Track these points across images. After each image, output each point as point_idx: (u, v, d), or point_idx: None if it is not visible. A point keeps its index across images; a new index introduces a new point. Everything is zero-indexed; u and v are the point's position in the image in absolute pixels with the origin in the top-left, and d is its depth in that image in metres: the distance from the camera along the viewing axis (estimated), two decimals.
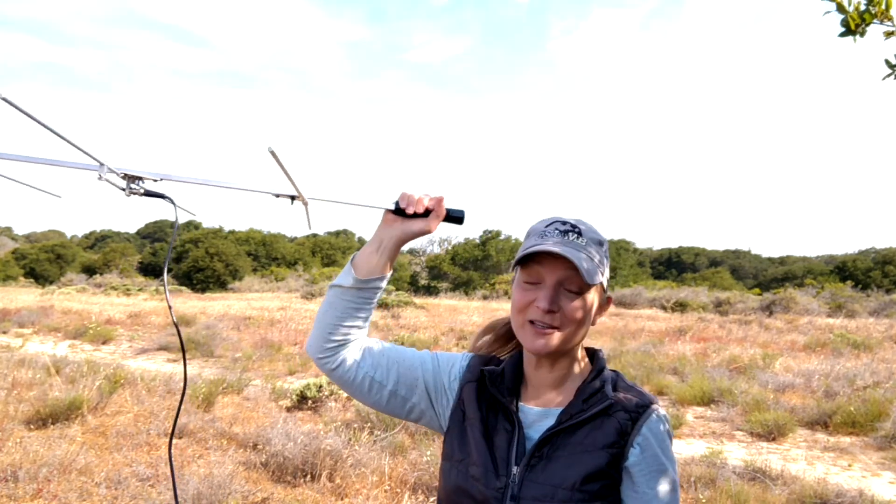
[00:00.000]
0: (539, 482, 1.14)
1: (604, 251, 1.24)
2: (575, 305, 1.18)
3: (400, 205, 1.25)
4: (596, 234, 1.23)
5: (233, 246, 41.05)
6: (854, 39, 1.61)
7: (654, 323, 17.51)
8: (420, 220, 1.26)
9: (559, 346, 1.19)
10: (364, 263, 1.27)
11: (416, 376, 1.32)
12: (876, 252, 49.52)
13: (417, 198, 1.24)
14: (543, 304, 1.17)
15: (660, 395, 8.84)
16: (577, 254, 1.17)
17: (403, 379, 1.31)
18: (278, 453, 5.14)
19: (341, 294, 1.27)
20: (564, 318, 1.18)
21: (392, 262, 1.30)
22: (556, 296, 1.18)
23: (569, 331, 1.18)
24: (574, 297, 1.18)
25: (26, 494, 4.48)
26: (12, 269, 42.41)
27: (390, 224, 1.27)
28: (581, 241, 1.19)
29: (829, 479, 5.45)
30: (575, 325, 1.18)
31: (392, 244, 1.27)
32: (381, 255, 1.27)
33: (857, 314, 21.72)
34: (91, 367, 8.23)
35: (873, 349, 12.43)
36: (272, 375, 9.55)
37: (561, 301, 1.18)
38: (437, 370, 1.34)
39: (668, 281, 39.08)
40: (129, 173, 1.16)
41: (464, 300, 27.61)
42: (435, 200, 1.25)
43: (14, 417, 6.26)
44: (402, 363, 1.32)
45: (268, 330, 14.44)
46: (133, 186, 1.17)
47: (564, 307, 1.18)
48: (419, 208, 1.24)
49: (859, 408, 7.20)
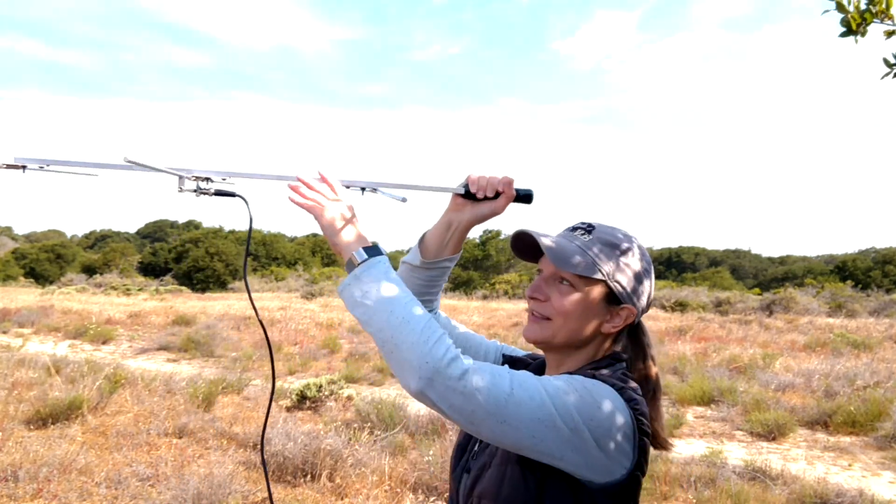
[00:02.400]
0: (483, 453, 1.19)
1: (620, 256, 1.19)
2: (563, 298, 1.17)
3: (470, 189, 1.27)
4: (612, 237, 1.20)
5: (233, 246, 41.04)
6: (855, 40, 1.61)
7: (654, 322, 17.50)
8: (489, 202, 1.28)
9: (549, 338, 1.19)
10: (433, 245, 1.32)
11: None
12: (876, 252, 49.52)
13: (487, 181, 1.27)
14: (529, 290, 1.21)
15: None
16: (563, 244, 1.17)
17: None
18: (278, 453, 5.14)
19: (410, 271, 1.34)
20: (553, 308, 1.18)
21: (461, 243, 1.34)
22: (547, 285, 1.20)
23: (558, 322, 1.18)
24: (565, 290, 1.18)
25: (26, 494, 4.48)
26: (12, 268, 42.41)
27: (460, 208, 1.30)
28: (584, 238, 1.19)
29: (829, 479, 5.45)
30: (563, 318, 1.17)
31: (462, 227, 1.31)
32: (450, 238, 1.31)
33: (857, 314, 21.70)
34: (91, 367, 8.22)
35: (873, 349, 12.43)
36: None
37: (551, 291, 1.19)
38: (498, 360, 1.39)
39: (668, 280, 39.04)
40: (198, 175, 1.18)
41: (464, 300, 27.60)
42: (504, 182, 1.27)
43: (14, 417, 6.26)
44: (468, 348, 1.37)
45: (268, 330, 14.40)
46: (203, 187, 1.19)
47: (553, 297, 1.18)
48: (490, 192, 1.27)
49: (859, 407, 7.20)
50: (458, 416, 1.00)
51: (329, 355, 11.67)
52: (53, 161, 1.16)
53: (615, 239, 1.20)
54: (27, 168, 1.16)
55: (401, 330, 1.01)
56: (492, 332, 14.74)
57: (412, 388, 1.00)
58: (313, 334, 13.89)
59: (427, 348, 0.99)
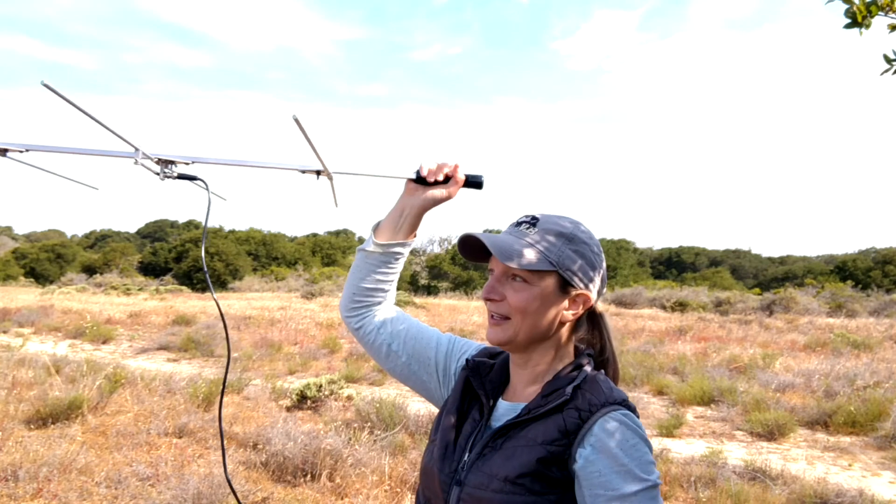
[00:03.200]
0: (482, 470, 1.15)
1: (568, 244, 1.19)
2: (518, 295, 1.17)
3: (421, 174, 1.32)
4: (557, 227, 1.20)
5: (233, 245, 41.04)
6: (860, 32, 1.60)
7: (654, 322, 17.50)
8: (441, 186, 1.34)
9: (511, 337, 1.19)
10: (386, 230, 1.36)
11: (430, 356, 1.37)
12: (876, 252, 49.48)
13: (437, 166, 1.33)
14: (483, 292, 1.21)
15: (660, 395, 8.84)
16: (507, 238, 1.18)
17: (417, 355, 1.37)
18: (278, 453, 5.14)
19: (365, 258, 1.37)
20: (510, 306, 1.18)
21: (414, 229, 1.38)
22: (500, 284, 1.20)
23: (517, 320, 1.18)
24: (519, 286, 1.17)
25: (26, 494, 4.48)
26: (12, 268, 42.40)
27: (412, 193, 1.35)
28: (529, 231, 1.20)
29: (829, 479, 5.45)
30: (522, 314, 1.17)
31: (415, 212, 1.35)
32: (402, 222, 1.36)
33: (858, 314, 21.70)
34: (91, 367, 8.22)
35: (873, 349, 12.43)
36: (272, 375, 9.55)
37: (505, 290, 1.19)
38: (450, 354, 1.38)
39: (668, 280, 39.03)
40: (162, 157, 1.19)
41: (464, 300, 27.58)
42: (452, 167, 1.34)
43: (14, 417, 6.26)
44: (419, 340, 1.38)
45: (268, 329, 14.43)
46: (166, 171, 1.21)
47: (508, 296, 1.18)
48: (439, 176, 1.33)
49: (859, 407, 7.20)
50: None
51: (329, 355, 11.67)
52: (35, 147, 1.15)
53: (560, 227, 1.20)
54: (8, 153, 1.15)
55: None
56: None
57: None
58: (313, 334, 13.89)
59: None
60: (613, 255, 42.68)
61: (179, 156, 1.21)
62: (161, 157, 1.20)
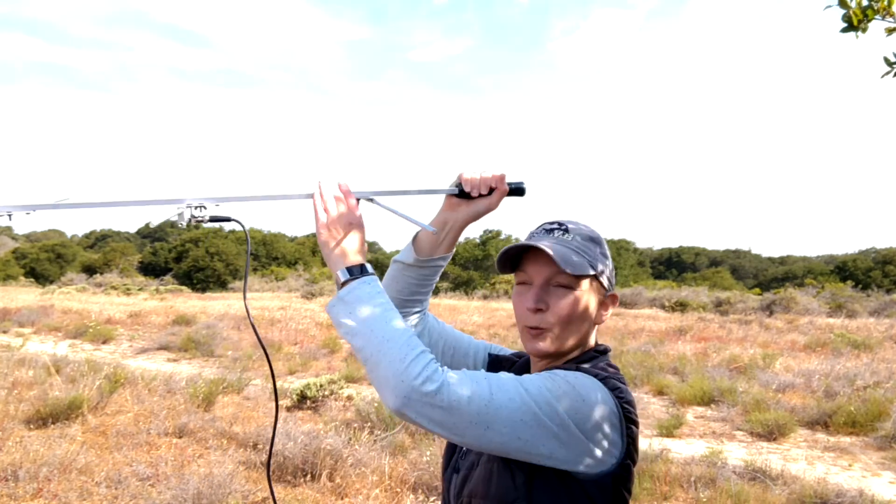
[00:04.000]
0: (473, 452, 1.19)
1: (598, 247, 1.22)
2: (565, 301, 1.16)
3: (464, 189, 1.28)
4: (587, 231, 1.22)
5: (233, 245, 41.04)
6: (856, 35, 1.61)
7: (654, 322, 17.50)
8: (484, 199, 1.29)
9: (557, 347, 1.18)
10: (427, 244, 1.32)
11: (468, 364, 1.37)
12: (876, 252, 49.47)
13: (480, 178, 1.27)
14: (530, 302, 1.17)
15: (660, 395, 8.84)
16: (558, 247, 1.17)
17: (456, 363, 1.37)
18: (278, 453, 5.14)
19: (403, 270, 1.34)
20: (555, 315, 1.16)
21: (455, 242, 1.34)
22: (544, 294, 1.17)
23: (562, 329, 1.17)
24: (563, 293, 1.17)
25: (26, 494, 4.48)
26: (12, 268, 42.40)
27: (454, 208, 1.31)
28: (567, 237, 1.20)
29: (829, 479, 5.45)
30: (566, 322, 1.17)
31: (457, 226, 1.32)
32: (444, 237, 1.32)
33: (858, 314, 21.68)
34: (91, 367, 8.22)
35: (873, 349, 12.42)
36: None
37: (550, 298, 1.17)
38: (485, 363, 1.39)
39: (668, 281, 39.04)
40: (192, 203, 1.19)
41: (464, 300, 27.58)
42: (497, 178, 1.28)
43: (14, 417, 6.26)
44: (458, 348, 1.38)
45: (268, 329, 14.43)
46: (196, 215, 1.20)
47: (553, 304, 1.17)
48: (483, 189, 1.28)
49: (859, 408, 7.20)
50: (441, 430, 1.01)
51: (329, 355, 11.67)
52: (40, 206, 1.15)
53: (590, 232, 1.23)
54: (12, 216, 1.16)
55: (380, 349, 1.02)
56: (492, 331, 14.74)
57: (390, 406, 1.01)
58: (313, 334, 13.89)
59: (403, 367, 0.99)
60: (613, 255, 42.46)
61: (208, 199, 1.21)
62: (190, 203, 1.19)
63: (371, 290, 1.08)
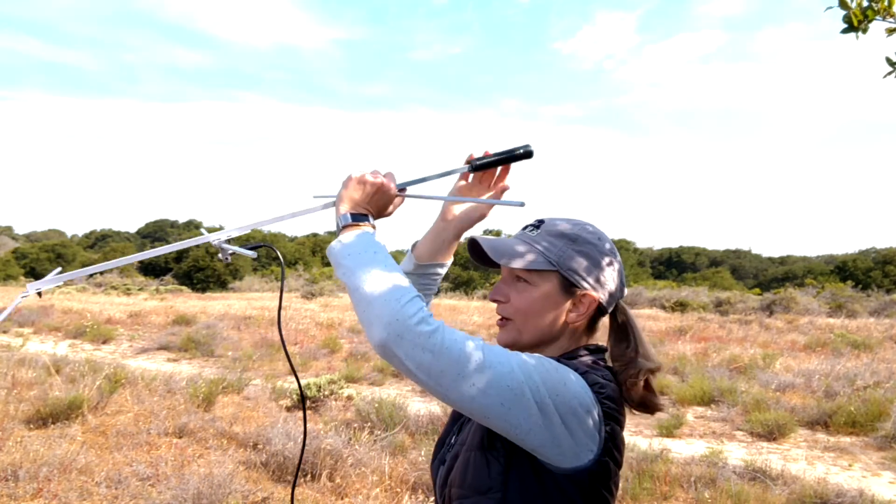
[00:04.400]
0: (455, 444, 1.21)
1: (570, 244, 1.19)
2: (520, 296, 1.19)
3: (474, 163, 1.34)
4: (560, 228, 1.21)
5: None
6: (856, 36, 1.61)
7: (654, 322, 17.50)
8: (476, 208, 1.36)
9: (516, 338, 1.21)
10: (425, 251, 1.38)
11: None
12: (876, 252, 49.48)
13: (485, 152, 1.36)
14: (490, 293, 1.24)
15: (660, 395, 8.82)
16: (507, 240, 1.21)
17: None
18: (278, 453, 5.14)
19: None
20: (512, 307, 1.20)
21: (452, 251, 1.40)
22: (507, 286, 1.22)
23: (519, 321, 1.20)
24: (521, 287, 1.19)
25: (26, 494, 4.48)
26: (12, 268, 42.40)
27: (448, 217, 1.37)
28: (533, 234, 1.22)
29: (830, 479, 5.44)
30: (524, 315, 1.19)
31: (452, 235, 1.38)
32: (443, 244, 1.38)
33: (858, 314, 21.69)
34: (91, 367, 8.22)
35: (873, 349, 12.42)
36: (272, 375, 9.55)
37: (510, 291, 1.21)
38: None
39: (668, 281, 39.03)
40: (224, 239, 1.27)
41: (464, 300, 27.59)
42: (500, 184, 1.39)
43: (14, 417, 6.26)
44: None
45: (268, 329, 14.43)
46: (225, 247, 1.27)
47: (512, 297, 1.20)
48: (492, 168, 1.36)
49: (859, 408, 7.20)
50: (425, 376, 1.00)
51: (329, 355, 11.67)
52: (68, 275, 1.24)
53: (562, 228, 1.21)
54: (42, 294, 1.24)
55: (375, 286, 1.04)
56: (492, 332, 14.74)
57: (377, 339, 1.00)
58: (313, 334, 13.89)
59: (399, 305, 1.00)
60: None
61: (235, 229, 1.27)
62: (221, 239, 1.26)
63: (372, 237, 1.14)
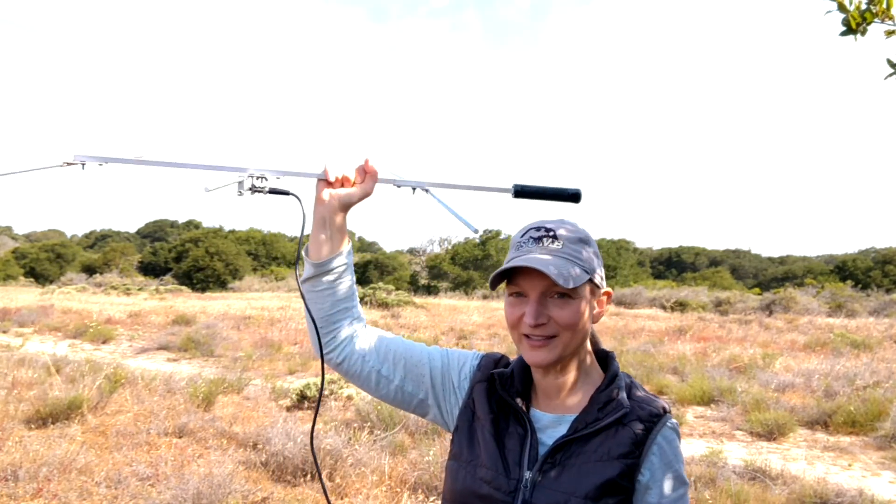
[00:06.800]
0: (552, 489, 1.12)
1: (589, 248, 1.19)
2: (565, 311, 1.14)
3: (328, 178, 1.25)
4: (576, 233, 1.19)
5: (233, 245, 41.05)
6: (855, 38, 1.62)
7: (654, 322, 17.51)
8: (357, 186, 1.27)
9: (560, 355, 1.16)
10: (316, 248, 1.26)
11: (423, 373, 1.30)
12: (876, 252, 49.47)
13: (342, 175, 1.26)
14: (530, 319, 1.14)
15: (660, 395, 8.84)
16: (553, 260, 1.14)
17: (410, 374, 1.30)
18: (278, 453, 5.14)
19: (313, 286, 1.28)
20: (557, 325, 1.15)
21: (343, 234, 1.28)
22: (542, 307, 1.15)
23: (565, 337, 1.15)
24: (563, 303, 1.15)
25: (26, 494, 4.48)
26: (12, 268, 42.38)
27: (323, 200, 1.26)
28: (556, 245, 1.16)
29: (829, 479, 5.45)
30: (570, 331, 1.15)
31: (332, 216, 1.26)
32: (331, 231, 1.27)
33: (857, 314, 21.70)
34: (91, 367, 8.22)
35: (873, 349, 12.43)
36: (272, 375, 9.55)
37: (550, 310, 1.15)
38: (447, 367, 1.32)
39: (668, 280, 39.06)
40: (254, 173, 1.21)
41: (464, 300, 27.59)
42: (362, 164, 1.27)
43: (14, 417, 6.26)
44: (409, 358, 1.31)
45: (268, 329, 14.43)
46: (258, 185, 1.22)
47: (555, 315, 1.14)
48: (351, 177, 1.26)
49: (859, 407, 7.20)
50: None
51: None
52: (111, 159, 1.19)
53: (579, 234, 1.20)
54: (85, 165, 1.19)
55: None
56: (492, 332, 14.74)
57: None
58: None
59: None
60: (613, 255, 42.63)
61: (269, 170, 1.22)
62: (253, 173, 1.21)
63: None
